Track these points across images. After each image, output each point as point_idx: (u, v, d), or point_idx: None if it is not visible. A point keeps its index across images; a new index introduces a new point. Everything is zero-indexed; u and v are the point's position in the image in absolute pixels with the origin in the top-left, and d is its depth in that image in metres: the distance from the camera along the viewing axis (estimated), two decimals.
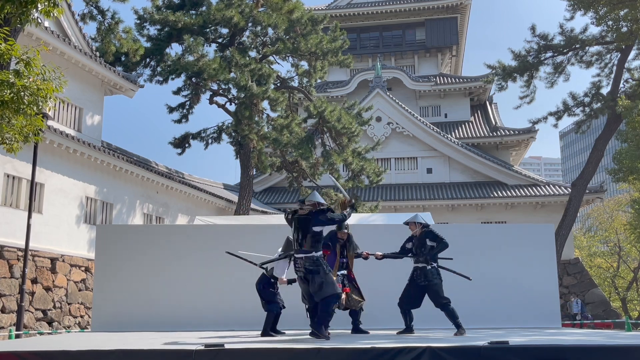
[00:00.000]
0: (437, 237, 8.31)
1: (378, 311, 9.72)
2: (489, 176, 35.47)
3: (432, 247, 8.33)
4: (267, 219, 18.49)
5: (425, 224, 8.49)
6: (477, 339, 6.10)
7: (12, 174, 17.51)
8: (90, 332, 11.46)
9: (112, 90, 23.92)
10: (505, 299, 10.82)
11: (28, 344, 6.57)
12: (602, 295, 32.79)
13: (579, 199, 27.98)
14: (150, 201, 23.75)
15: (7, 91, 8.58)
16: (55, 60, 16.41)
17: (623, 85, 28.07)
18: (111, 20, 19.83)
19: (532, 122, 30.57)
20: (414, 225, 8.51)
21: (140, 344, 6.01)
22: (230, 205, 28.32)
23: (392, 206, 33.52)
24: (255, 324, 8.58)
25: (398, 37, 43.94)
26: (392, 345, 5.18)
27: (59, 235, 18.90)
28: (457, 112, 40.48)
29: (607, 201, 44.10)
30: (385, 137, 36.38)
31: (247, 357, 5.32)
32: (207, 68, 22.58)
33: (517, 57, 28.26)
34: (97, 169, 20.83)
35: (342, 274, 8.56)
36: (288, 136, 24.18)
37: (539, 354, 5.06)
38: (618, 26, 26.17)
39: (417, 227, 8.46)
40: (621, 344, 5.40)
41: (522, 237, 11.54)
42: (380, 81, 37.43)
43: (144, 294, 10.87)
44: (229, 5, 24.11)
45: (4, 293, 16.44)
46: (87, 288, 19.56)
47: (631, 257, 41.29)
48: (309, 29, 25.66)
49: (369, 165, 25.90)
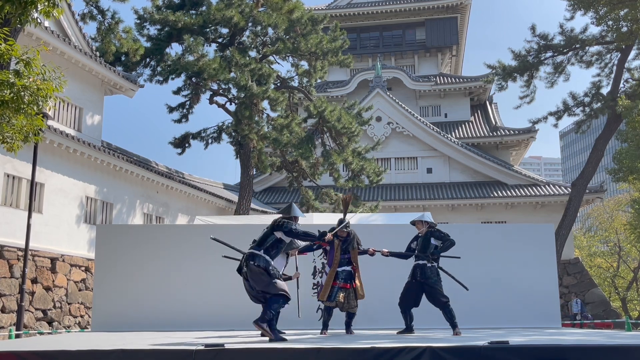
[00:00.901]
0: (443, 236, 8.32)
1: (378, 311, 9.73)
2: (489, 176, 35.47)
3: (437, 247, 8.35)
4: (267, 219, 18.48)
5: (432, 223, 8.52)
6: (477, 339, 6.10)
7: (12, 174, 17.51)
8: (90, 332, 11.46)
9: (112, 90, 23.92)
10: (505, 299, 10.83)
11: (28, 343, 6.57)
12: (602, 295, 32.80)
13: (579, 199, 27.98)
14: (150, 201, 23.75)
15: (7, 91, 8.58)
16: (55, 60, 16.40)
17: (623, 85, 28.07)
18: (111, 20, 19.82)
19: (532, 122, 30.58)
20: (420, 224, 8.56)
21: (140, 344, 6.01)
22: (230, 205, 28.33)
23: (392, 206, 33.53)
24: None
25: (398, 37, 43.94)
26: (392, 345, 5.18)
27: (59, 235, 18.91)
28: (457, 112, 40.48)
29: (607, 201, 44.11)
30: (385, 137, 36.38)
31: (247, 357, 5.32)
32: (207, 68, 22.58)
33: (517, 57, 28.25)
34: (97, 169, 20.84)
35: (342, 270, 8.57)
36: (288, 136, 24.18)
37: (539, 354, 5.06)
38: (618, 26, 26.17)
39: (424, 226, 8.51)
40: (621, 344, 5.40)
41: (522, 237, 11.55)
42: (380, 81, 37.43)
43: (144, 293, 10.87)
44: (229, 5, 24.11)
45: (4, 293, 16.44)
46: (87, 288, 19.57)
47: (631, 257, 41.29)
48: (309, 28, 25.66)
49: (369, 165, 25.90)
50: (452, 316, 8.12)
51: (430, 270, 8.23)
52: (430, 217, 9.05)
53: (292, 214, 7.33)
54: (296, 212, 7.40)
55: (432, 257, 8.28)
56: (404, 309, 8.48)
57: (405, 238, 9.34)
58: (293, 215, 7.32)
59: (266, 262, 6.97)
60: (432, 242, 8.33)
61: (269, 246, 7.05)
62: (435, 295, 8.19)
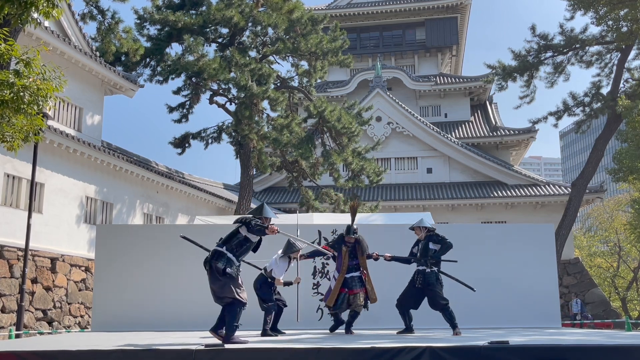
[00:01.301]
0: (440, 240, 8.35)
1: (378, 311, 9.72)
2: (489, 176, 35.47)
3: (435, 251, 8.38)
4: None
5: (430, 228, 8.55)
6: (477, 339, 6.10)
7: (12, 174, 17.51)
8: (90, 332, 11.46)
9: (112, 90, 23.92)
10: (505, 299, 10.83)
11: (28, 343, 6.57)
12: (602, 295, 32.80)
13: (579, 199, 27.97)
14: (150, 201, 23.75)
15: (7, 91, 8.58)
16: (55, 60, 16.40)
17: (623, 85, 28.07)
18: (111, 20, 19.81)
19: (532, 122, 30.56)
20: (419, 229, 8.61)
21: (140, 344, 6.01)
22: (230, 205, 28.33)
23: (392, 206, 33.53)
24: (254, 324, 8.59)
25: (398, 37, 43.94)
26: (392, 345, 5.18)
27: (59, 235, 18.90)
28: (457, 112, 40.48)
29: (607, 201, 44.10)
30: (385, 137, 36.38)
31: (247, 357, 5.32)
32: (207, 68, 22.58)
33: (517, 57, 28.25)
34: (97, 169, 20.84)
35: (351, 276, 8.61)
36: (288, 136, 24.18)
37: (539, 354, 5.07)
38: (618, 26, 26.16)
39: (422, 232, 8.54)
40: (621, 344, 5.40)
41: (522, 237, 11.55)
42: (380, 81, 37.43)
43: (144, 293, 10.87)
44: (229, 5, 24.11)
45: (4, 293, 16.44)
46: (87, 288, 19.57)
47: (631, 257, 41.30)
48: (309, 28, 25.66)
49: (369, 165, 25.89)
50: (452, 317, 8.14)
51: (430, 275, 8.26)
52: (428, 222, 9.07)
53: (264, 215, 7.05)
54: (268, 213, 7.12)
55: (431, 261, 8.31)
56: (402, 310, 8.51)
57: (405, 238, 9.35)
58: (264, 216, 7.05)
59: (227, 261, 6.66)
60: (430, 246, 8.38)
61: (234, 245, 6.78)
62: (435, 299, 8.23)
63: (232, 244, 6.80)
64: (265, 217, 7.05)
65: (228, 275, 6.59)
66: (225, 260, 6.66)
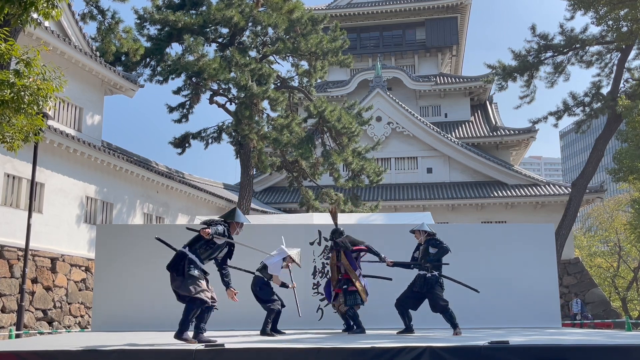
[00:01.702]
0: (437, 244, 8.39)
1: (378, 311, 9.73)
2: (489, 176, 35.47)
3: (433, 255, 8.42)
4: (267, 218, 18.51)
5: (430, 232, 8.57)
6: (477, 339, 6.10)
7: (12, 174, 17.51)
8: (90, 332, 11.46)
9: (112, 90, 23.92)
10: (505, 299, 10.83)
11: (28, 343, 6.57)
12: (602, 295, 32.79)
13: (579, 199, 27.97)
14: (151, 201, 23.75)
15: (7, 91, 8.58)
16: (55, 60, 16.40)
17: (623, 85, 28.06)
18: (111, 20, 19.81)
19: (532, 121, 30.56)
20: (418, 233, 8.65)
21: (140, 344, 6.01)
22: (230, 205, 28.32)
23: (392, 206, 33.53)
24: (255, 324, 8.59)
25: (398, 37, 43.94)
26: (392, 345, 5.18)
27: (59, 235, 18.91)
28: (457, 112, 40.48)
29: (607, 201, 44.08)
30: (385, 137, 36.38)
31: (247, 357, 5.32)
32: (207, 68, 22.58)
33: (517, 57, 28.24)
34: (97, 169, 20.84)
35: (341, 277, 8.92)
36: (288, 136, 24.18)
37: (539, 354, 5.07)
38: (618, 26, 26.16)
39: (422, 236, 8.57)
40: (621, 344, 5.41)
41: (522, 237, 11.55)
42: (380, 81, 37.42)
43: (144, 293, 10.87)
44: (229, 5, 24.11)
45: (4, 293, 16.44)
46: (87, 288, 19.57)
47: (631, 257, 41.28)
48: (309, 28, 25.66)
49: (369, 165, 25.89)
50: (452, 317, 8.17)
51: (429, 280, 8.28)
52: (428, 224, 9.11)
53: (235, 220, 7.02)
54: (239, 218, 7.08)
55: (430, 265, 8.33)
56: (401, 310, 8.53)
57: (405, 238, 9.37)
58: (235, 221, 7.01)
59: (190, 261, 6.67)
60: (430, 250, 8.43)
61: (198, 247, 6.78)
62: (435, 301, 8.27)
63: (196, 247, 6.80)
64: (237, 222, 7.05)
65: (188, 276, 6.60)
66: (187, 262, 6.68)
